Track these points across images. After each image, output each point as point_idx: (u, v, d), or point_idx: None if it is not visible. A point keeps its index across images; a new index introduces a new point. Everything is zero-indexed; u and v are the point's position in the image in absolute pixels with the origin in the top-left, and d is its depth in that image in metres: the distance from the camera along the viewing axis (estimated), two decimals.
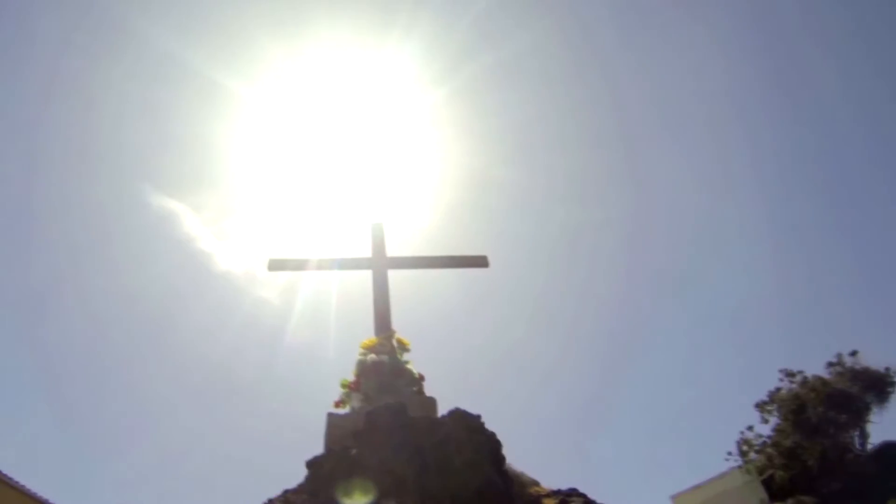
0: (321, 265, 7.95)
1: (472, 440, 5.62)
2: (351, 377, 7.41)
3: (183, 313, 41.23)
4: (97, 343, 41.17)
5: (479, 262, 8.16)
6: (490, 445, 5.77)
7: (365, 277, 8.08)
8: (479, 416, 5.86)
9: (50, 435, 35.40)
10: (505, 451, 5.99)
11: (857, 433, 19.38)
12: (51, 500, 16.31)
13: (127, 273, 38.50)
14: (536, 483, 6.86)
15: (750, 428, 20.49)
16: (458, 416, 5.89)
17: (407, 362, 7.44)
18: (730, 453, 20.62)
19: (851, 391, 19.26)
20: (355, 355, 7.55)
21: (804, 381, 20.16)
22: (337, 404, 7.38)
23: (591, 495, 6.40)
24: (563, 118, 43.09)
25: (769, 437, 20.16)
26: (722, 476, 21.15)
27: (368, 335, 7.74)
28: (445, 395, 7.03)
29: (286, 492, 6.46)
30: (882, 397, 19.56)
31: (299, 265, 7.92)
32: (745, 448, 20.37)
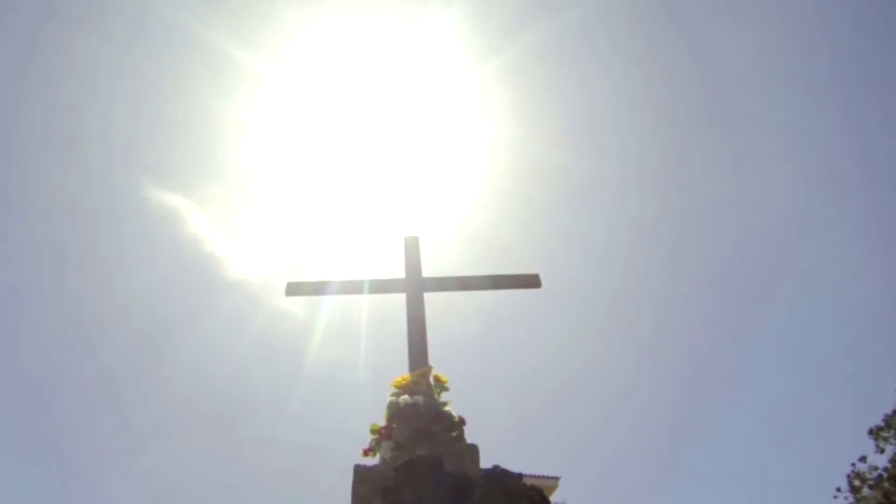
0: (346, 288, 7.12)
1: None
2: (381, 419, 6.57)
3: (187, 328, 35.41)
4: (87, 361, 36.35)
5: (530, 281, 7.23)
6: None
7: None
8: (520, 477, 5.07)
9: (29, 458, 31.84)
10: None
11: None
12: None
13: (122, 281, 33.41)
14: None
15: (863, 459, 19.07)
16: (496, 476, 5.17)
17: (445, 403, 6.53)
18: (839, 489, 19.26)
19: None
20: (387, 384, 6.66)
21: None
22: (366, 452, 6.59)
23: None
24: (637, 96, 38.82)
25: (885, 469, 18.57)
26: None
27: (403, 358, 6.94)
28: (491, 439, 6.08)
29: None
30: None
31: (321, 289, 7.12)
32: (857, 482, 18.85)
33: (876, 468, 18.92)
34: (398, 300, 7.21)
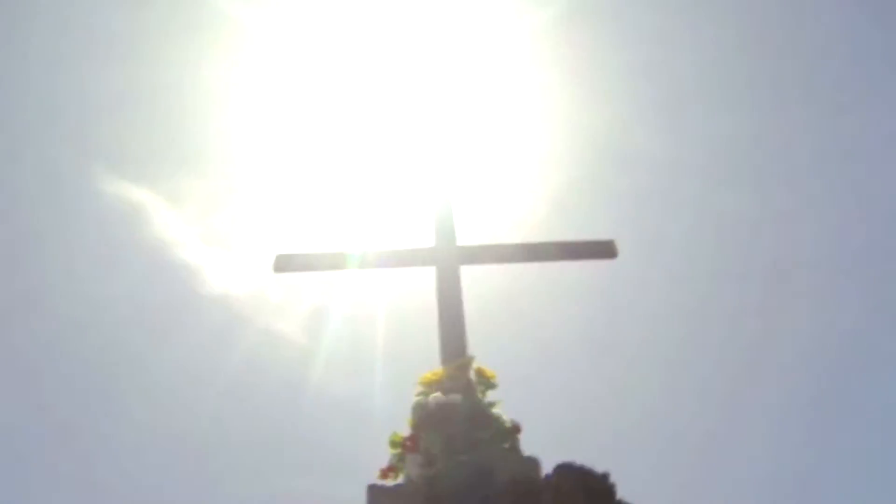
0: (360, 261, 5.60)
1: None
2: (405, 431, 4.94)
3: (153, 355, 30.65)
4: (26, 395, 32.09)
5: (603, 249, 5.69)
6: None
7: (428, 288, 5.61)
8: (606, 476, 3.75)
9: None
10: None
11: None
12: None
13: (69, 297, 28.48)
14: None
15: None
16: (572, 474, 3.78)
17: (492, 404, 4.92)
18: None
19: None
20: (404, 413, 5.11)
21: None
22: (385, 473, 4.92)
23: None
24: (731, 59, 34.30)
25: None
26: None
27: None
28: (552, 452, 4.47)
29: None
30: None
31: (323, 262, 5.60)
32: None
33: None
34: (425, 302, 5.63)
